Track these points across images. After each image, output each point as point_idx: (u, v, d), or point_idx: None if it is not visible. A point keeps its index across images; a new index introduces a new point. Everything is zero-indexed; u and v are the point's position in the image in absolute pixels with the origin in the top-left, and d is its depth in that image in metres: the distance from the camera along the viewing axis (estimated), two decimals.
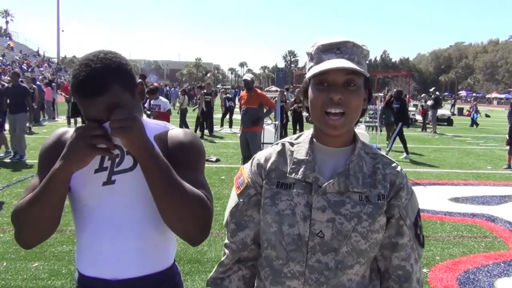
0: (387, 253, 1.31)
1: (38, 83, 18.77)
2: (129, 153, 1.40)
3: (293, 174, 1.29)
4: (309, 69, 1.30)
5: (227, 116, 18.40)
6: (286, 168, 1.32)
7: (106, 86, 1.30)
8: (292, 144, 1.37)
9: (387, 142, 14.07)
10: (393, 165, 1.32)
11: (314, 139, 1.34)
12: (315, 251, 1.24)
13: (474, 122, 24.92)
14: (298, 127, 14.41)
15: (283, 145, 1.38)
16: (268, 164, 1.34)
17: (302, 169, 1.29)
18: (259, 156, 1.39)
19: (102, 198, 1.41)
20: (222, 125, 18.45)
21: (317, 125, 1.31)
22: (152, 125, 1.50)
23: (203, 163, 1.53)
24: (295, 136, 1.41)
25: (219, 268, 1.42)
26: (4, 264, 4.26)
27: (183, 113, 15.53)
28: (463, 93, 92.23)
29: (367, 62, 1.35)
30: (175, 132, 1.50)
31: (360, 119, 1.41)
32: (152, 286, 1.47)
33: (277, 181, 1.31)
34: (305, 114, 20.07)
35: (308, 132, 1.38)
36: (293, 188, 1.28)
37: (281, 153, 1.36)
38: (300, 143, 1.35)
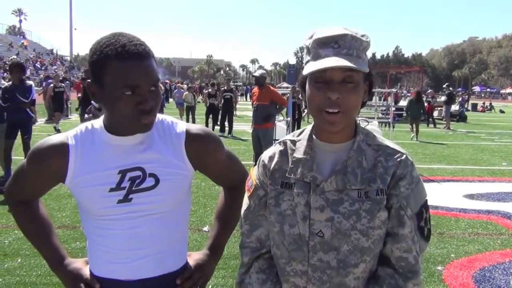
0: (388, 243, 1.26)
1: (49, 80, 18.84)
2: (152, 175, 1.39)
3: (292, 174, 1.29)
4: (305, 63, 1.26)
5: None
6: (288, 168, 1.32)
7: (149, 52, 1.32)
8: (293, 142, 1.36)
9: (412, 133, 14.82)
10: (396, 155, 1.27)
11: (313, 136, 1.33)
12: (316, 250, 1.24)
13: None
14: None
15: (285, 144, 1.37)
16: (272, 164, 1.35)
17: (300, 168, 1.29)
18: (264, 157, 1.40)
19: (116, 214, 1.39)
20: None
21: (315, 121, 1.29)
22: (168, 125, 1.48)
23: (222, 145, 1.56)
24: (297, 132, 1.40)
25: (241, 269, 1.42)
26: (19, 260, 4.30)
27: (189, 110, 15.54)
28: (477, 88, 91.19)
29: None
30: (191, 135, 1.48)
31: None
32: (165, 285, 1.47)
33: (281, 181, 1.32)
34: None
35: (309, 128, 1.36)
36: (294, 188, 1.28)
37: (283, 153, 1.36)
38: (301, 140, 1.34)
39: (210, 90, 16.06)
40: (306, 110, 13.86)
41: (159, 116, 1.48)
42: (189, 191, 1.55)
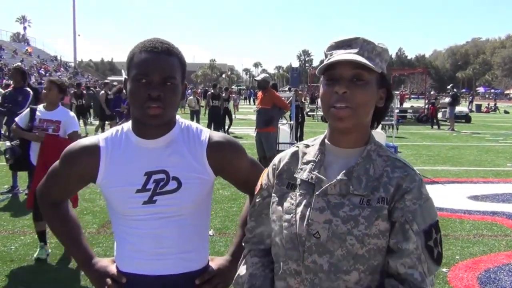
0: (392, 260, 1.19)
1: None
2: (175, 178, 1.45)
3: (299, 174, 1.31)
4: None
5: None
6: (296, 169, 1.34)
7: (172, 53, 1.43)
8: (307, 146, 1.38)
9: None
10: (403, 168, 1.25)
11: (326, 140, 1.35)
12: (312, 252, 1.22)
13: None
14: None
15: (298, 147, 1.40)
16: (281, 165, 1.38)
17: (307, 169, 1.30)
18: (276, 158, 1.43)
19: (141, 215, 1.46)
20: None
21: (328, 122, 1.32)
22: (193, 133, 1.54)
23: (244, 153, 1.62)
24: (313, 138, 1.42)
25: (241, 259, 1.46)
26: (25, 266, 4.33)
27: (194, 114, 15.90)
28: (481, 89, 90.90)
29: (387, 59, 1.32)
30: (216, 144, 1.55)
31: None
32: (186, 282, 1.52)
33: (288, 182, 1.34)
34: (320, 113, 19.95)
35: (323, 134, 1.39)
36: (298, 189, 1.30)
37: (295, 155, 1.38)
38: (314, 145, 1.37)
39: (223, 94, 16.79)
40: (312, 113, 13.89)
41: (185, 122, 1.57)
42: (210, 195, 1.62)
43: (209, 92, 16.48)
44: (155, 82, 1.37)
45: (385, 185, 1.22)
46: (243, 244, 1.47)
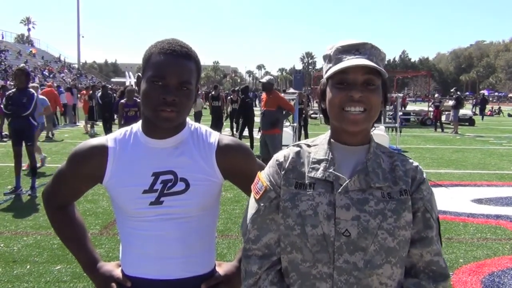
0: (417, 249, 1.26)
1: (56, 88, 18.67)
2: (183, 180, 1.44)
3: (313, 173, 1.29)
4: (327, 71, 1.31)
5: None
6: (304, 169, 1.31)
7: (191, 57, 1.42)
8: (309, 146, 1.37)
9: None
10: (410, 161, 1.34)
11: (332, 140, 1.35)
12: (342, 251, 1.21)
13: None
14: None
15: (300, 146, 1.38)
16: (286, 164, 1.34)
17: (321, 168, 1.29)
18: (277, 156, 1.39)
19: (148, 216, 1.44)
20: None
21: (335, 124, 1.32)
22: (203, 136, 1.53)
23: (253, 157, 1.62)
24: (311, 139, 1.41)
25: (248, 280, 1.32)
26: (28, 267, 4.33)
27: (196, 116, 16.13)
28: (484, 92, 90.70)
29: (384, 64, 1.35)
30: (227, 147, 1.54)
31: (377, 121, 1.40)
32: (192, 287, 1.49)
33: (296, 182, 1.30)
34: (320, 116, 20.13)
35: (325, 135, 1.38)
36: (314, 188, 1.26)
37: (299, 154, 1.35)
38: (318, 145, 1.36)
39: (232, 96, 17.02)
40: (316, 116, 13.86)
41: (195, 124, 1.56)
42: (218, 198, 1.59)
43: (210, 94, 16.94)
44: (171, 86, 1.36)
45: (402, 177, 1.29)
46: (244, 258, 1.35)
